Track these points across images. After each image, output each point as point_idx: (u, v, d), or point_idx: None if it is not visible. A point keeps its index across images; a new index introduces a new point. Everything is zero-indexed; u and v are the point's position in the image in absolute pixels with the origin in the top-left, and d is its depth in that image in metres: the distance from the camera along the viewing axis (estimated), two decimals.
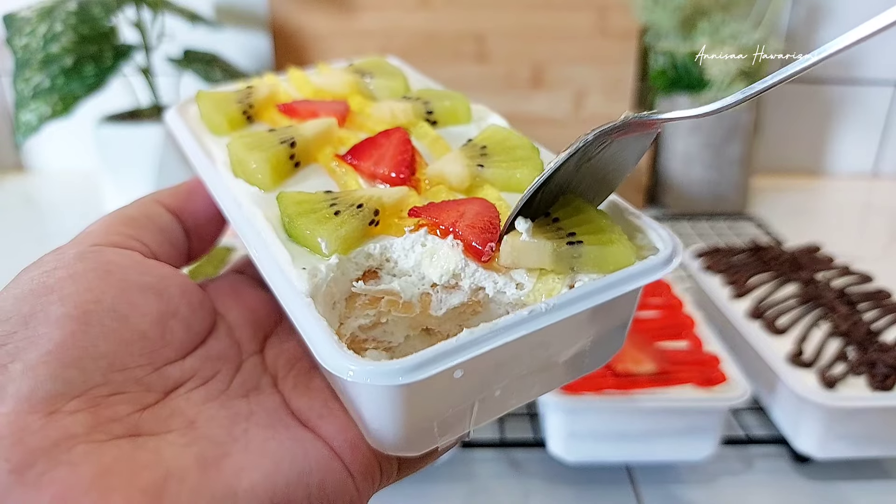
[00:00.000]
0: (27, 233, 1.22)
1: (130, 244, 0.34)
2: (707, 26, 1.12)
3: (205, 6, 1.35)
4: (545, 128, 1.38)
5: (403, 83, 0.46)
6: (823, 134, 1.44)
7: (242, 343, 0.34)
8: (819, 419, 0.60)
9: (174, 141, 0.43)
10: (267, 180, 0.35)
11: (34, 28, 0.99)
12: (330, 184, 0.36)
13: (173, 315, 0.31)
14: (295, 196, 0.33)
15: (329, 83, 0.45)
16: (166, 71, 1.22)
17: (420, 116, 0.41)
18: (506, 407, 0.32)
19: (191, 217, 0.38)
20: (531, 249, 0.30)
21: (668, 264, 0.31)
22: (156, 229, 0.36)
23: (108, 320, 0.29)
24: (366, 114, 0.42)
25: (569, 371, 0.34)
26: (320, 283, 0.29)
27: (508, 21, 1.31)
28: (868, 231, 1.25)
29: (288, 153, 0.36)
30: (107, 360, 0.28)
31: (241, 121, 0.42)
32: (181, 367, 0.31)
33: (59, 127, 1.06)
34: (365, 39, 1.32)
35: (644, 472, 0.64)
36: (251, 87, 0.44)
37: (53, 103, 1.00)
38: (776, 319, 0.68)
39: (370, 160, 0.36)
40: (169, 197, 0.38)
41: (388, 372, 0.25)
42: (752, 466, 0.65)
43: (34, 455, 0.23)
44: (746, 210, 1.27)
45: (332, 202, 0.32)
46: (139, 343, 0.29)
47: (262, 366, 0.34)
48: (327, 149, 0.38)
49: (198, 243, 0.39)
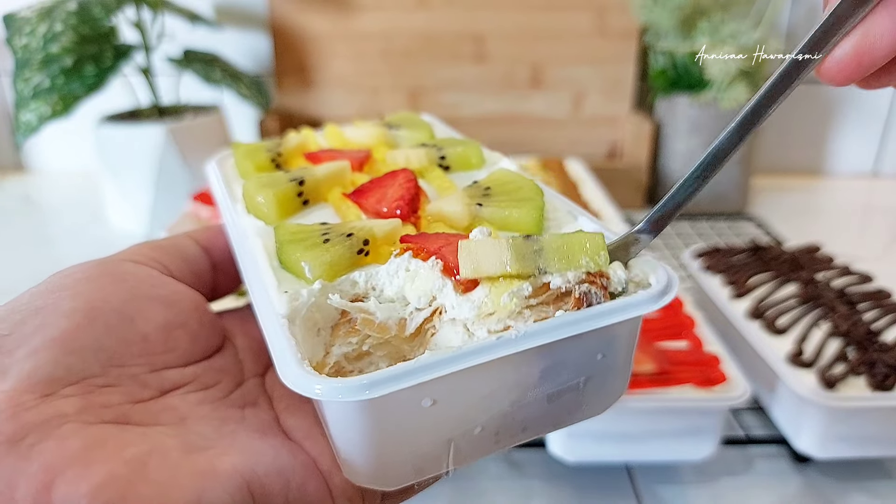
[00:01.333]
0: (27, 233, 1.22)
1: (150, 263, 0.36)
2: (707, 26, 1.12)
3: (205, 6, 1.35)
4: (544, 128, 1.38)
5: (428, 133, 0.47)
6: (823, 134, 1.44)
7: (246, 364, 0.36)
8: (819, 419, 0.60)
9: (209, 189, 0.45)
10: (273, 214, 0.37)
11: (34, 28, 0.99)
12: (335, 220, 0.37)
13: (181, 326, 0.33)
14: (292, 227, 0.35)
15: (358, 135, 0.48)
16: (166, 71, 1.22)
17: (433, 162, 0.42)
18: (490, 448, 0.31)
19: (219, 252, 0.40)
20: (488, 249, 0.29)
21: (659, 299, 0.29)
22: (180, 257, 0.38)
23: (113, 319, 0.31)
24: (383, 160, 0.43)
25: (562, 413, 0.32)
26: (300, 307, 0.30)
27: (507, 21, 1.31)
28: (868, 231, 1.25)
29: (296, 190, 0.38)
30: (106, 354, 0.29)
31: (269, 167, 0.44)
32: (181, 372, 0.32)
33: (59, 127, 1.06)
34: (364, 40, 1.32)
35: (644, 472, 0.64)
36: (283, 139, 0.47)
37: (53, 103, 1.00)
38: (776, 319, 0.68)
39: (373, 198, 0.37)
40: (200, 233, 0.40)
41: (349, 387, 0.25)
42: (752, 466, 0.65)
43: (26, 428, 0.25)
44: (746, 210, 1.27)
45: (324, 232, 0.33)
46: (140, 345, 0.31)
47: (261, 387, 0.35)
48: (337, 189, 0.39)
49: (224, 279, 0.40)
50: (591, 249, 0.29)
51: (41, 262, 1.08)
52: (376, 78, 1.34)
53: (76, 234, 1.19)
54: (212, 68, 1.19)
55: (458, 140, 0.45)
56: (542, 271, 0.29)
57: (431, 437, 0.29)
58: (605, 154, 1.38)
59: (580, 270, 0.29)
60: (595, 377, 0.31)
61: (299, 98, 1.36)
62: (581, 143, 1.37)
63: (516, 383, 0.29)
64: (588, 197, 1.04)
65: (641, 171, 1.28)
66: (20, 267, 1.07)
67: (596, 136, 1.37)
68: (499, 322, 0.28)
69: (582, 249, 0.29)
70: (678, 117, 1.22)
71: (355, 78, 1.34)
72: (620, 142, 1.36)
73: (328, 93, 1.35)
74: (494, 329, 0.28)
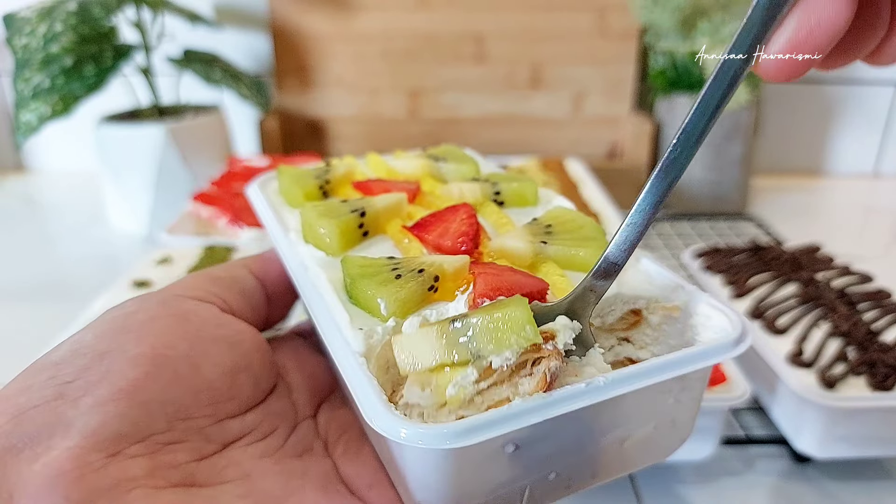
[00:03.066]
0: (27, 233, 1.22)
1: (211, 299, 0.35)
2: (707, 26, 1.12)
3: (205, 6, 1.35)
4: (545, 128, 1.38)
5: (475, 167, 0.47)
6: (823, 134, 1.44)
7: (299, 405, 0.35)
8: (819, 419, 0.60)
9: (254, 212, 0.45)
10: (335, 245, 0.36)
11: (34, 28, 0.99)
12: (395, 253, 0.37)
13: (245, 369, 0.32)
14: (359, 260, 0.34)
15: (403, 166, 0.47)
16: (166, 71, 1.22)
17: (488, 197, 0.42)
18: (561, 493, 0.31)
19: (272, 283, 0.39)
20: (419, 342, 0.28)
21: (737, 345, 0.30)
22: (238, 290, 0.37)
23: (181, 367, 0.30)
24: (436, 194, 0.43)
25: (633, 458, 0.33)
26: (375, 345, 0.30)
27: (508, 22, 1.31)
28: (868, 231, 1.25)
29: (357, 222, 0.38)
30: (174, 407, 0.28)
31: (317, 195, 0.44)
32: (242, 420, 0.31)
33: (59, 127, 1.06)
34: (365, 40, 1.32)
35: (644, 472, 0.64)
36: (329, 165, 0.47)
37: (53, 103, 1.00)
38: (776, 319, 0.68)
39: (435, 232, 0.37)
40: (254, 262, 0.40)
41: (439, 435, 0.25)
42: (752, 466, 0.65)
43: (94, 494, 0.24)
44: (746, 210, 1.27)
45: (394, 266, 0.33)
46: (206, 393, 0.30)
47: (315, 429, 0.34)
48: (396, 221, 0.39)
49: (276, 310, 0.40)
50: (515, 326, 0.27)
51: (41, 262, 1.08)
52: (376, 78, 1.34)
53: (76, 234, 1.19)
54: (212, 68, 1.19)
55: (511, 175, 0.45)
56: (476, 356, 0.27)
57: (508, 483, 0.29)
58: (606, 154, 1.38)
59: (512, 349, 0.27)
60: (665, 422, 0.32)
61: (299, 98, 1.36)
62: (581, 144, 1.37)
63: (595, 429, 0.29)
64: (588, 197, 1.04)
65: (641, 171, 1.28)
66: (20, 267, 1.07)
67: (596, 136, 1.37)
68: (450, 413, 0.27)
69: (508, 328, 0.27)
70: (678, 117, 1.22)
71: (355, 78, 1.34)
72: (620, 142, 1.36)
73: (328, 93, 1.35)
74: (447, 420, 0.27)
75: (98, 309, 0.75)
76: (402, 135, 1.38)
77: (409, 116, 1.37)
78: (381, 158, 0.49)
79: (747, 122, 1.19)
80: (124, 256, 1.07)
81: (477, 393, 0.27)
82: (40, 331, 0.75)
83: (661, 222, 1.21)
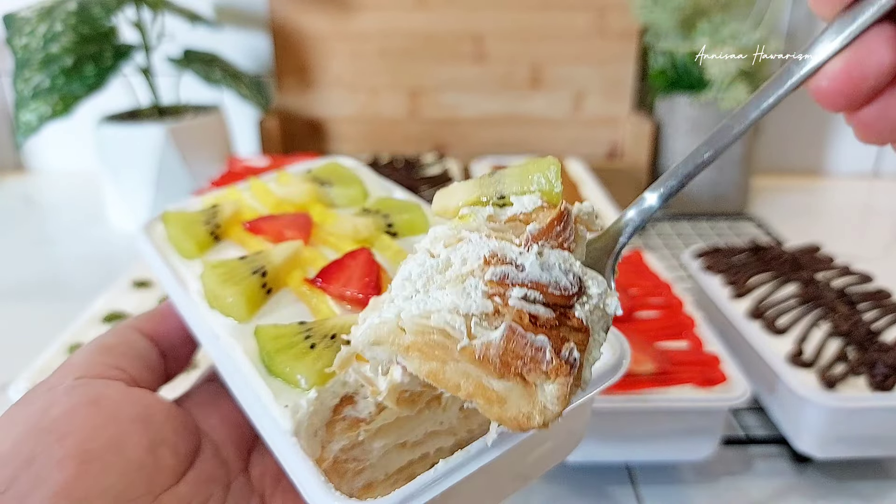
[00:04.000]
0: (27, 233, 1.22)
1: (114, 374, 0.35)
2: (707, 26, 1.12)
3: (205, 6, 1.35)
4: (544, 128, 1.38)
5: (361, 190, 0.48)
6: (823, 134, 1.44)
7: (229, 462, 0.35)
8: (819, 419, 0.60)
9: (145, 262, 0.44)
10: (243, 312, 0.36)
11: (34, 28, 0.99)
12: (302, 309, 0.37)
13: (162, 442, 0.32)
14: (271, 331, 0.34)
15: (289, 193, 0.47)
16: (166, 71, 1.22)
17: (381, 230, 0.43)
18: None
19: (166, 340, 0.39)
20: (456, 188, 0.30)
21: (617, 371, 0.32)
22: (134, 356, 0.37)
23: (107, 455, 0.30)
24: (329, 227, 0.43)
25: (534, 471, 0.35)
26: (302, 419, 0.30)
27: (507, 21, 1.31)
28: (868, 231, 1.25)
29: (260, 282, 0.38)
30: (111, 494, 0.29)
31: (209, 242, 0.43)
32: (176, 493, 0.31)
33: (59, 127, 1.06)
34: (364, 40, 1.32)
35: (644, 472, 0.64)
36: (216, 207, 0.46)
37: (53, 103, 1.00)
38: (776, 319, 0.68)
39: (339, 282, 0.37)
40: (145, 322, 0.40)
41: None
42: (752, 466, 0.65)
43: None
44: (746, 210, 1.27)
45: (307, 334, 0.33)
46: (137, 472, 0.30)
47: (249, 485, 0.35)
48: (296, 272, 0.39)
49: (173, 363, 0.40)
50: (542, 167, 0.29)
51: (41, 262, 1.08)
52: (376, 78, 1.34)
53: (76, 233, 1.19)
54: (212, 68, 1.19)
55: (401, 204, 0.46)
56: (501, 196, 0.29)
57: None
58: (605, 154, 1.38)
59: (533, 188, 0.29)
60: (562, 434, 0.35)
61: (299, 98, 1.36)
62: (581, 143, 1.37)
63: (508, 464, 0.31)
64: (588, 197, 1.04)
65: (641, 171, 1.28)
66: (20, 267, 1.07)
67: (596, 136, 1.37)
68: (455, 231, 0.28)
69: (535, 169, 0.29)
70: (678, 117, 1.22)
71: (355, 78, 1.34)
72: (620, 142, 1.36)
73: (328, 93, 1.35)
74: (449, 241, 0.28)
75: (98, 309, 0.75)
76: (401, 134, 1.38)
77: (408, 116, 1.37)
78: (265, 185, 0.49)
79: None
80: (124, 256, 1.07)
81: (489, 221, 0.28)
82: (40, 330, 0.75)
83: (660, 222, 1.21)
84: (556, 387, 0.24)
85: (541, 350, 0.25)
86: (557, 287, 0.26)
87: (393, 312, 0.26)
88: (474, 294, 0.25)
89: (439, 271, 0.27)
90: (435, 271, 0.27)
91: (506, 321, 0.25)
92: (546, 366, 0.24)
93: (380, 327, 0.26)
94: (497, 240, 0.27)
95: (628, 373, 0.60)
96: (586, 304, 0.26)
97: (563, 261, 0.27)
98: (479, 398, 0.25)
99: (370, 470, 0.34)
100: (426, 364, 0.25)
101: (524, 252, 0.26)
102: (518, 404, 0.25)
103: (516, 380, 0.25)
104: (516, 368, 0.25)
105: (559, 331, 0.25)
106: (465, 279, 0.26)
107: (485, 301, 0.25)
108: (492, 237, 0.27)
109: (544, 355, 0.25)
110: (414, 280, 0.27)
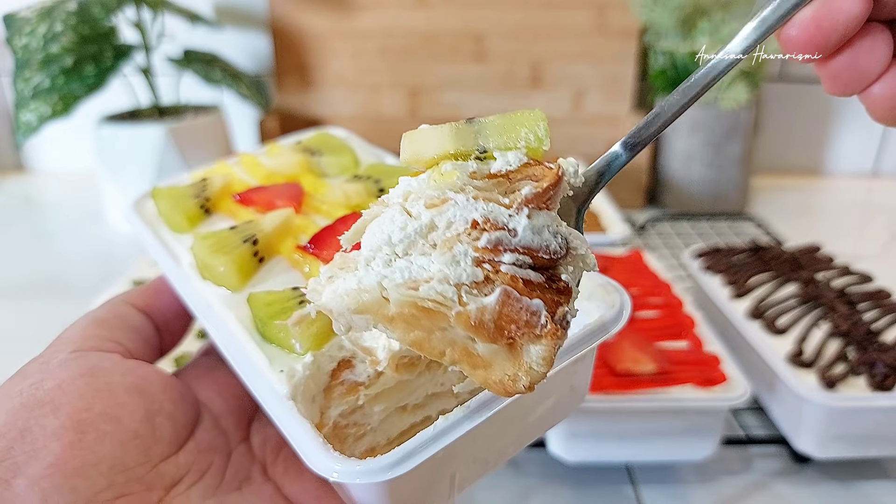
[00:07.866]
0: (27, 232, 1.22)
1: (109, 346, 0.35)
2: (707, 26, 1.12)
3: (205, 6, 1.35)
4: None
5: (352, 159, 0.47)
6: (823, 134, 1.44)
7: (229, 432, 0.35)
8: (819, 419, 0.60)
9: (137, 238, 0.43)
10: (235, 281, 0.36)
11: (34, 28, 0.99)
12: (295, 276, 0.37)
13: (159, 412, 0.32)
14: (264, 297, 0.34)
15: (280, 165, 0.46)
16: (166, 71, 1.22)
17: (372, 195, 0.42)
18: (484, 472, 0.33)
19: (160, 314, 0.39)
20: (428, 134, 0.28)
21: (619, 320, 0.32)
22: (129, 329, 0.37)
23: (103, 424, 0.30)
24: (320, 196, 0.43)
25: (538, 428, 0.35)
26: (298, 383, 0.30)
27: (507, 20, 1.31)
28: (868, 231, 1.25)
29: (251, 251, 0.37)
30: (107, 464, 0.29)
31: (199, 215, 0.42)
32: (175, 462, 0.31)
33: (59, 127, 1.06)
34: (364, 39, 1.32)
35: (644, 472, 0.65)
36: (205, 180, 0.45)
37: (53, 103, 1.00)
38: (776, 319, 0.68)
39: (331, 248, 0.37)
40: (137, 297, 0.39)
41: (374, 470, 0.25)
42: (752, 466, 0.65)
43: None
44: (746, 210, 1.27)
45: (300, 300, 0.33)
46: (133, 441, 0.30)
47: (250, 454, 0.35)
48: (288, 240, 0.39)
49: (168, 337, 0.40)
50: (529, 122, 0.27)
51: (41, 262, 1.08)
52: (376, 77, 1.34)
53: (76, 233, 1.19)
54: (212, 68, 1.19)
55: (392, 168, 0.45)
56: (483, 150, 0.27)
57: (440, 479, 0.30)
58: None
59: (520, 145, 0.27)
60: (565, 391, 0.34)
61: (299, 98, 1.36)
62: (581, 142, 1.37)
63: (509, 416, 0.30)
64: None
65: (641, 171, 1.28)
66: (20, 266, 1.07)
67: (596, 134, 1.37)
68: (439, 191, 0.26)
69: (521, 124, 0.27)
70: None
71: (355, 77, 1.34)
72: None
73: (328, 92, 1.35)
74: (432, 202, 0.26)
75: None
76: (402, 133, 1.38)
77: (409, 115, 1.37)
78: (255, 158, 0.48)
79: (747, 121, 1.19)
80: (123, 256, 1.07)
81: (471, 180, 0.26)
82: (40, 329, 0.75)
83: (660, 222, 1.21)
84: (542, 348, 0.24)
85: (536, 314, 0.24)
86: (547, 251, 0.25)
87: (374, 280, 0.25)
88: (464, 262, 0.25)
89: (422, 235, 0.25)
90: (417, 235, 0.25)
91: (499, 286, 0.24)
92: (540, 329, 0.24)
93: (360, 295, 0.25)
94: (484, 202, 0.25)
95: (628, 373, 0.60)
96: (570, 265, 0.26)
97: (550, 222, 0.26)
98: (464, 363, 0.25)
99: (371, 435, 0.34)
100: (410, 333, 0.25)
101: (514, 215, 0.25)
102: (503, 367, 0.24)
103: (503, 343, 0.24)
104: (510, 332, 0.24)
105: (550, 293, 0.25)
106: (452, 245, 0.25)
107: (475, 269, 0.24)
108: (479, 199, 0.26)
109: (539, 319, 0.24)
110: (394, 244, 0.25)
